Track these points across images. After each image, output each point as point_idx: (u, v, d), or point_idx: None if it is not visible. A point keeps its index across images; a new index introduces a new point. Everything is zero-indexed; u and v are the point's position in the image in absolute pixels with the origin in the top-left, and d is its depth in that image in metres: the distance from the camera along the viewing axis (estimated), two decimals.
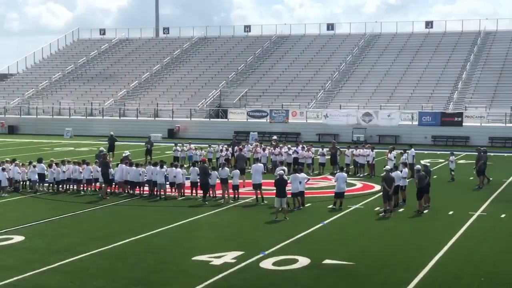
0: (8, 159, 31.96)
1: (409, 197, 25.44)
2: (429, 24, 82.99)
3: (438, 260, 17.59)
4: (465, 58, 73.64)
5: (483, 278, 15.91)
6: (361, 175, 34.57)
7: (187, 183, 28.21)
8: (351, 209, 24.99)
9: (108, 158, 32.59)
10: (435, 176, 30.63)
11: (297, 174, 25.96)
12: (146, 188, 28.52)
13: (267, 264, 17.09)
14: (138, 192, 28.39)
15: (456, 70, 71.27)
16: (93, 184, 29.33)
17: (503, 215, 23.89)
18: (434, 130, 56.42)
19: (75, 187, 29.42)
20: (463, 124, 56.57)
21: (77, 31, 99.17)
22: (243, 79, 76.33)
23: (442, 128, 56.43)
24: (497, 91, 65.39)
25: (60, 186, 29.59)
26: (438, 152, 45.85)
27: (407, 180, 26.79)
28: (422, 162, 27.99)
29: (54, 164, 29.97)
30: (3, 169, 29.15)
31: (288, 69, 77.66)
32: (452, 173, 33.41)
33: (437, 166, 37.14)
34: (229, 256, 17.77)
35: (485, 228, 21.88)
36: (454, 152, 37.01)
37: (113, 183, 29.08)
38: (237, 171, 27.75)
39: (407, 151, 34.96)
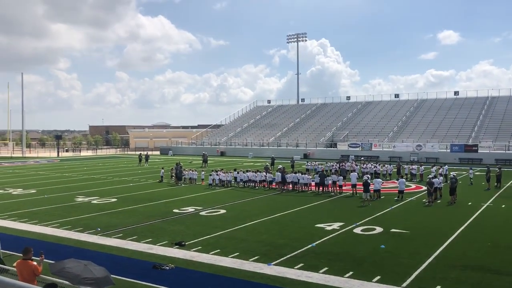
0: (218, 169, 33.26)
1: (444, 194, 23.61)
2: (456, 92, 76.92)
3: (462, 230, 16.31)
4: (479, 112, 67.50)
5: (489, 243, 14.43)
6: (414, 181, 32.50)
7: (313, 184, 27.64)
8: (407, 200, 23.52)
9: (270, 169, 32.93)
10: (460, 182, 28.41)
11: (376, 179, 25.16)
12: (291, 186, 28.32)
13: (357, 230, 16.48)
14: (285, 188, 28.33)
15: (473, 119, 65.46)
16: (262, 183, 29.64)
17: (503, 206, 21.63)
18: (461, 155, 52.11)
19: (252, 185, 29.87)
20: (478, 151, 51.99)
21: (256, 101, 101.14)
22: (346, 125, 74.29)
23: (465, 153, 52.06)
24: (499, 131, 59.42)
25: (245, 183, 30.18)
26: (463, 168, 42.24)
27: (442, 184, 24.91)
28: (452, 173, 25.80)
29: (241, 172, 30.77)
30: (217, 174, 30.42)
31: (372, 120, 74.55)
32: (471, 180, 30.77)
33: (462, 176, 34.19)
34: (335, 225, 17.32)
35: (492, 213, 19.81)
36: (473, 168, 34.62)
37: (274, 182, 28.94)
38: (341, 177, 27.10)
39: (443, 167, 32.84)
